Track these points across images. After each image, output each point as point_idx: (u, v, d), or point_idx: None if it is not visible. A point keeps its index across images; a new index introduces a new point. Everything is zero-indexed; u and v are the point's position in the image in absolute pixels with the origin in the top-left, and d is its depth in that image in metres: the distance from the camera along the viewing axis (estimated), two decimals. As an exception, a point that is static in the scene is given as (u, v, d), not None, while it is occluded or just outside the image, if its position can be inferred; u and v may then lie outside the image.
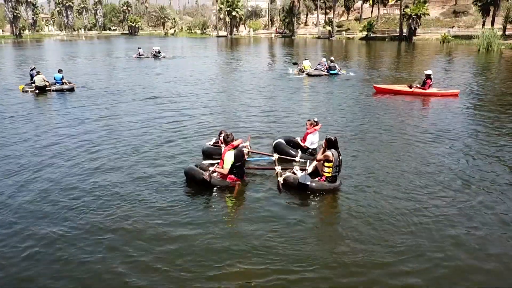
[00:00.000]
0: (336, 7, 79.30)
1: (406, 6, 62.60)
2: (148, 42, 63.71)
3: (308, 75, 23.70)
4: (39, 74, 18.40)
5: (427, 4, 63.39)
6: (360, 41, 67.47)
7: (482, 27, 55.46)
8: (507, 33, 50.89)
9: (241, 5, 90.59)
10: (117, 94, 17.98)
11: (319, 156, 7.17)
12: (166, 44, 56.24)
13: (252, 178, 7.92)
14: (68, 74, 21.06)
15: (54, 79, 18.67)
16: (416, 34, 62.39)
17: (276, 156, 8.55)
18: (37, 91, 17.93)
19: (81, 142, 10.50)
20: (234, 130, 11.31)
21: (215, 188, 7.31)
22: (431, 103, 15.72)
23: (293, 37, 79.55)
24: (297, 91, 19.25)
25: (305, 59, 25.25)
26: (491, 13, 55.65)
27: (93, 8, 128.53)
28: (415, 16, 59.40)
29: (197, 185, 7.37)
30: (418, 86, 16.70)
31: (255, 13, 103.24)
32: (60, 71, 18.99)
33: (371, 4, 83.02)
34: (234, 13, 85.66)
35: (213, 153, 8.70)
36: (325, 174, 7.10)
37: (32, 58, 37.54)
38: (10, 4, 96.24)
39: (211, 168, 7.45)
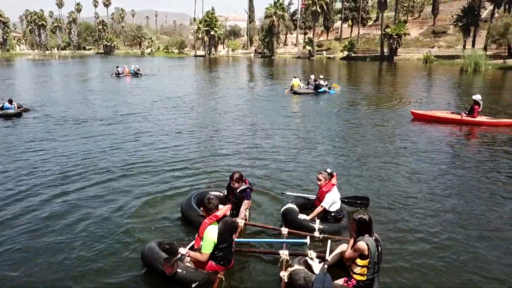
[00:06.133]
0: (315, 27, 78.61)
1: (387, 26, 62.25)
2: (124, 62, 61.00)
3: (295, 93, 22.25)
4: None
5: (407, 24, 63.34)
6: (341, 61, 66.53)
7: (463, 47, 55.22)
8: (488, 53, 50.60)
9: (220, 25, 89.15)
10: (77, 117, 15.34)
11: (349, 251, 4.61)
12: (143, 64, 53.56)
13: (245, 266, 5.32)
14: (33, 98, 18.34)
15: (2, 108, 15.98)
16: (397, 54, 61.90)
17: (285, 230, 6.00)
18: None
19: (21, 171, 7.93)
20: (218, 177, 8.92)
21: (184, 284, 4.74)
22: (478, 134, 13.22)
23: (272, 57, 78.23)
24: (302, 115, 16.99)
25: (295, 77, 23.76)
26: (471, 33, 55.53)
27: (67, 27, 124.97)
28: (396, 36, 58.92)
29: (158, 277, 4.84)
30: (466, 113, 14.36)
31: (233, 33, 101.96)
32: (10, 101, 16.26)
33: (350, 24, 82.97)
34: (212, 33, 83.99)
35: (198, 219, 5.69)
36: (356, 276, 4.51)
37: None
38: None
39: (182, 250, 4.94)
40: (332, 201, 6.25)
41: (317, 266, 4.91)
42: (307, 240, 5.67)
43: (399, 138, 12.57)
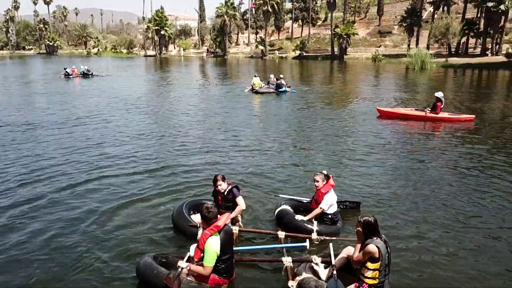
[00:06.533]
0: (267, 26, 79.13)
1: (336, 26, 63.90)
2: (70, 62, 58.12)
3: (256, 92, 22.26)
4: None
5: (355, 24, 65.52)
6: (293, 60, 67.44)
7: (408, 46, 57.90)
8: (430, 52, 53.26)
9: (170, 24, 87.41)
10: (29, 122, 14.26)
11: (357, 254, 4.50)
12: (91, 64, 51.12)
13: (247, 277, 5.08)
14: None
15: None
16: (347, 53, 63.73)
17: (282, 234, 5.84)
18: None
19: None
20: (197, 180, 8.64)
21: None
22: (442, 129, 13.83)
23: (225, 57, 77.83)
24: (272, 113, 16.92)
25: (256, 76, 23.69)
26: (415, 33, 58.26)
27: (4, 25, 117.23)
28: (345, 36, 60.63)
29: None
30: (429, 110, 14.97)
31: (184, 32, 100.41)
32: None
33: (301, 24, 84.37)
34: (163, 32, 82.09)
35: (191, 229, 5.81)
36: (367, 280, 4.35)
37: None
38: None
39: (182, 264, 4.68)
40: (331, 203, 6.21)
41: (323, 272, 4.84)
42: (307, 244, 5.58)
43: (370, 136, 12.88)
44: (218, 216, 4.77)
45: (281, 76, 23.84)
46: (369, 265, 4.33)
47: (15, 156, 10.41)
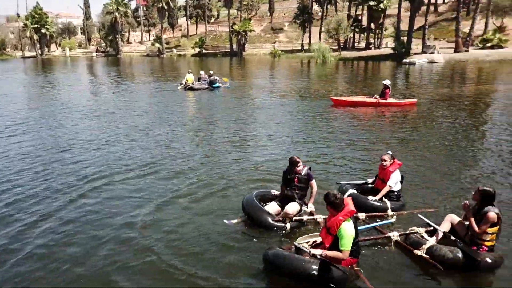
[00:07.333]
0: (163, 24, 77.02)
1: (234, 23, 65.15)
2: None
3: (191, 89, 22.05)
4: None
5: (252, 21, 67.61)
6: (193, 57, 66.87)
7: (302, 41, 61.69)
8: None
9: (51, 22, 79.61)
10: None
11: (475, 225, 4.95)
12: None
13: (367, 254, 5.31)
14: None
15: None
16: (245, 50, 65.42)
17: (362, 215, 6.14)
18: None
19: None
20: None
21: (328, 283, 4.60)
22: (391, 113, 15.12)
23: (118, 56, 73.70)
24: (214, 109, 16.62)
25: (189, 72, 23.29)
26: (307, 29, 62.26)
27: None
28: (243, 33, 62.20)
29: (293, 279, 4.66)
30: (378, 97, 16.18)
31: (68, 31, 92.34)
32: None
33: (195, 21, 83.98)
34: (43, 30, 74.43)
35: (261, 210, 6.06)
36: (486, 242, 4.94)
37: None
38: None
39: (317, 252, 4.68)
40: (397, 180, 6.66)
41: (432, 239, 5.25)
42: (394, 220, 6.02)
43: (339, 123, 13.65)
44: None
45: (211, 72, 23.71)
46: (489, 230, 4.90)
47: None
